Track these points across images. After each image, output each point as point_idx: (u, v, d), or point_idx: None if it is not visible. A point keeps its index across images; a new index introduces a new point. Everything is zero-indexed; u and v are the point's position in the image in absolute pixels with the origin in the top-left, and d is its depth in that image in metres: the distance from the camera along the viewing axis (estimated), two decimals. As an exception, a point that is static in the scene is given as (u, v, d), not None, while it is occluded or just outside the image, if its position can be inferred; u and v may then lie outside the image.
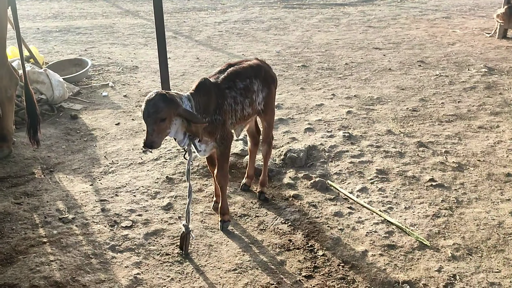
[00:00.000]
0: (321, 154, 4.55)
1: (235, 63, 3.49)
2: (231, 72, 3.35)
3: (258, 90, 3.49)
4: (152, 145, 2.76)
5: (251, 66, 3.51)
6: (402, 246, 3.32)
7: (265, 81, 3.56)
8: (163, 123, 2.74)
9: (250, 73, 3.45)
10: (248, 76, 3.42)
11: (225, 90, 3.24)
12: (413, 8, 13.20)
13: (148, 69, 7.42)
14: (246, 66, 3.48)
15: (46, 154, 4.51)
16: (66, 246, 3.12)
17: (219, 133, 3.17)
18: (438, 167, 4.34)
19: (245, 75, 3.40)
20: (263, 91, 3.54)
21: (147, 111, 2.69)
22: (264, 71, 3.57)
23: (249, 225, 3.53)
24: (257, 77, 3.49)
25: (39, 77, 5.61)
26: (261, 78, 3.52)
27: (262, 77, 3.53)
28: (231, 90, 3.28)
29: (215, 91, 3.17)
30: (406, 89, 6.40)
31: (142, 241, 3.25)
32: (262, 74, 3.54)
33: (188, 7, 13.21)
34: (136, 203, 3.70)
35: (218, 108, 3.15)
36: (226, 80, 3.29)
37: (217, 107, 3.15)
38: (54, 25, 10.61)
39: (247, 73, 3.43)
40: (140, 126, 5.22)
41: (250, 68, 3.49)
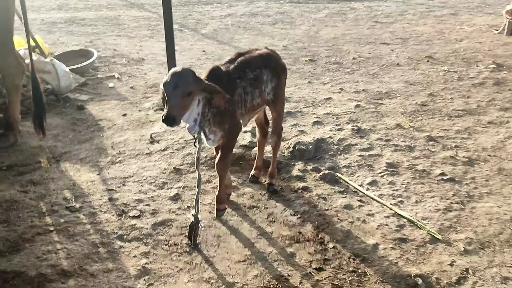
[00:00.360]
0: (330, 147, 4.50)
1: (245, 52, 3.43)
2: (241, 62, 3.29)
3: (267, 80, 3.44)
4: (175, 120, 2.65)
5: (261, 56, 3.45)
6: (413, 239, 3.27)
7: (275, 71, 3.51)
8: (187, 98, 2.69)
9: (260, 62, 3.39)
10: (258, 65, 3.36)
11: (235, 79, 3.19)
12: (420, 4, 13.08)
13: (154, 61, 7.36)
14: (256, 55, 3.43)
15: (53, 144, 4.47)
16: (74, 235, 3.08)
17: (228, 123, 3.12)
18: (449, 161, 4.28)
19: (255, 65, 3.35)
20: (272, 81, 3.49)
21: (174, 82, 2.62)
22: (274, 60, 3.52)
23: (258, 217, 3.48)
24: (267, 67, 3.43)
25: (45, 66, 5.56)
26: (271, 67, 3.47)
27: (272, 66, 3.48)
28: (241, 80, 3.23)
29: (226, 80, 3.12)
30: (415, 84, 6.33)
31: (150, 231, 3.21)
32: (272, 64, 3.48)
33: (194, 1, 13.13)
34: (143, 193, 3.65)
35: (228, 98, 3.10)
36: (236, 69, 3.24)
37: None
38: (59, 16, 10.56)
39: (257, 62, 3.38)
40: (147, 117, 5.17)
41: (260, 57, 3.43)
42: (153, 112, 5.33)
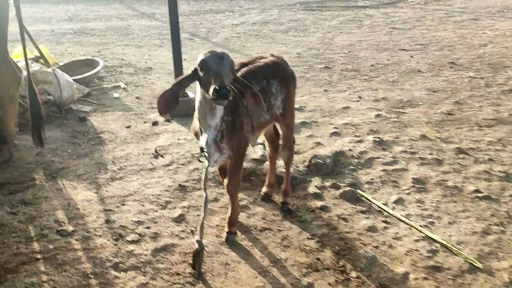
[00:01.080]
0: (350, 161, 4.11)
1: (248, 62, 3.06)
2: (246, 73, 2.92)
3: (276, 92, 3.08)
4: (229, 92, 2.26)
5: (267, 65, 3.09)
6: (449, 268, 2.85)
7: (284, 80, 3.14)
8: (231, 75, 2.43)
9: (266, 72, 3.03)
10: (264, 76, 3.00)
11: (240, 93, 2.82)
12: (438, 10, 12.67)
13: (162, 71, 7.08)
14: (262, 65, 3.06)
15: (50, 158, 4.16)
16: (62, 264, 2.73)
17: (237, 140, 2.77)
18: (483, 176, 3.86)
19: (261, 76, 2.98)
20: (281, 92, 3.12)
21: (221, 54, 2.43)
22: (282, 69, 3.15)
23: (271, 241, 3.10)
24: (275, 76, 3.07)
25: (47, 77, 5.30)
26: (279, 77, 3.10)
27: (280, 76, 3.11)
28: None
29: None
30: (439, 92, 5.91)
31: (149, 258, 2.85)
32: (280, 73, 3.12)
33: (205, 9, 12.91)
34: (144, 214, 3.30)
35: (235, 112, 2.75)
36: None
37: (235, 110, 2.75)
38: (69, 27, 10.40)
39: (263, 73, 3.01)
40: (151, 129, 4.85)
41: (266, 67, 3.06)
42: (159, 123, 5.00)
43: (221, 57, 2.40)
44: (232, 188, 2.95)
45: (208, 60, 2.38)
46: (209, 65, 2.36)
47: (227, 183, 2.94)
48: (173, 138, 4.59)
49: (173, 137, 4.60)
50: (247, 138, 2.89)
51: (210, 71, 2.36)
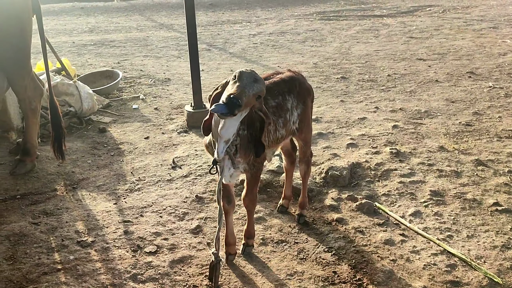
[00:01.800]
0: (367, 173, 4.10)
1: (266, 77, 3.09)
2: None
3: (292, 107, 3.09)
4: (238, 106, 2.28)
5: (283, 80, 3.11)
6: (468, 283, 2.82)
7: (300, 95, 3.15)
8: (253, 100, 2.43)
9: (282, 88, 3.05)
10: (280, 92, 3.02)
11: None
12: (456, 18, 12.56)
13: (180, 81, 7.17)
14: (278, 80, 3.08)
15: (71, 169, 4.25)
16: (82, 275, 2.78)
17: (253, 154, 2.75)
18: (503, 189, 3.81)
19: (277, 91, 3.00)
20: (298, 107, 3.13)
21: (258, 79, 2.43)
22: (299, 84, 3.16)
23: (288, 253, 3.11)
24: (290, 92, 3.08)
25: (68, 89, 5.42)
26: (295, 92, 3.11)
27: (296, 91, 3.12)
28: None
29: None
30: (457, 102, 5.86)
31: (167, 269, 2.88)
32: (296, 88, 3.13)
33: (223, 20, 13.05)
34: (162, 225, 3.35)
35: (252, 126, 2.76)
36: None
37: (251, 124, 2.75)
38: (89, 39, 10.62)
39: (279, 88, 3.03)
40: (170, 140, 4.92)
41: (282, 82, 3.08)
42: (177, 134, 5.07)
43: (255, 80, 2.41)
44: (249, 202, 2.95)
45: (244, 73, 2.40)
46: (242, 78, 2.38)
47: (244, 197, 2.94)
48: (191, 149, 4.64)
49: (191, 148, 4.66)
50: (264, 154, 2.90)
51: (238, 82, 2.37)
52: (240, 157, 2.70)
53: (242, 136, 2.67)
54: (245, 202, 2.96)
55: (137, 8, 15.20)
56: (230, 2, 16.02)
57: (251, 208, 3.00)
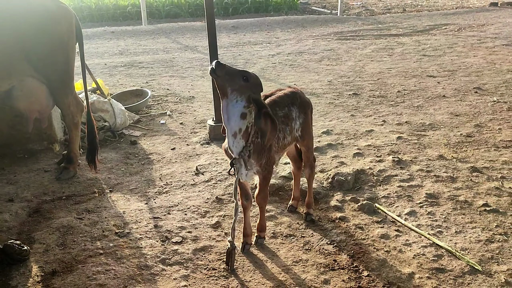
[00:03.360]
0: (369, 178, 4.54)
1: (270, 94, 3.62)
2: (270, 102, 3.47)
3: (296, 117, 3.60)
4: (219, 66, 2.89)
5: (286, 95, 3.63)
6: (451, 270, 3.23)
7: (301, 107, 3.66)
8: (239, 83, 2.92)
9: (287, 101, 3.57)
10: (285, 104, 3.54)
11: None
12: (470, 36, 12.91)
13: (204, 99, 7.77)
14: (282, 95, 3.61)
15: (107, 176, 4.84)
16: (121, 258, 3.32)
17: (265, 158, 3.27)
18: (493, 192, 4.20)
19: (283, 104, 3.53)
20: (300, 117, 3.64)
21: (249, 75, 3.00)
22: (299, 97, 3.68)
23: (295, 245, 3.58)
24: (293, 104, 3.60)
25: (104, 106, 6.07)
26: (297, 104, 3.63)
27: (298, 103, 3.64)
28: None
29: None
30: (461, 115, 6.25)
31: (190, 256, 3.40)
32: (298, 101, 3.65)
33: (244, 41, 13.72)
34: (186, 221, 3.87)
35: None
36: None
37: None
38: (120, 61, 11.40)
39: (284, 101, 3.56)
40: (194, 151, 5.47)
41: (285, 96, 3.61)
42: (200, 146, 5.63)
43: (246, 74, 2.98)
44: (261, 200, 3.44)
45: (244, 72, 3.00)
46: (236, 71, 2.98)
47: (257, 196, 3.43)
48: (212, 158, 5.18)
49: (212, 157, 5.20)
50: (274, 158, 3.40)
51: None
52: (253, 160, 3.22)
53: (256, 143, 3.17)
54: (258, 199, 3.45)
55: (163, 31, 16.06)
56: (252, 24, 16.74)
57: (263, 205, 3.49)
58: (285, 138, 3.45)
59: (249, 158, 3.18)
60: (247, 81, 2.96)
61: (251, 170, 3.28)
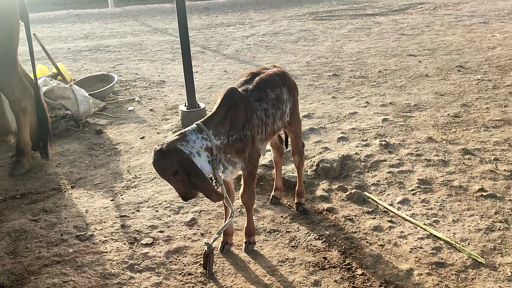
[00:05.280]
0: (357, 164, 4.21)
1: (258, 72, 3.20)
2: (260, 82, 3.05)
3: (286, 100, 3.20)
4: (187, 196, 2.57)
5: (277, 74, 3.22)
6: (452, 264, 2.93)
7: (290, 89, 3.27)
8: (178, 176, 2.47)
9: (278, 81, 3.16)
10: (277, 84, 3.13)
11: (254, 102, 2.95)
12: (447, 15, 12.72)
13: (175, 83, 7.29)
14: (272, 73, 3.19)
15: (69, 170, 4.36)
16: (81, 266, 2.89)
17: (248, 151, 2.85)
18: (488, 175, 3.92)
19: (274, 84, 3.11)
20: (289, 100, 3.25)
21: (158, 173, 2.53)
22: (288, 78, 3.29)
23: (279, 242, 3.22)
24: (284, 85, 3.20)
25: (65, 92, 5.54)
26: (287, 86, 3.23)
27: (287, 85, 3.24)
28: (261, 101, 2.97)
29: (244, 104, 2.87)
30: (446, 95, 5.99)
31: (163, 259, 3.00)
32: (287, 82, 3.25)
33: (216, 23, 13.18)
34: (158, 219, 3.46)
35: (247, 123, 2.83)
36: (255, 90, 2.99)
37: (247, 121, 2.82)
38: (85, 45, 10.75)
39: (275, 81, 3.14)
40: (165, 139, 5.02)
41: (276, 76, 3.20)
42: (172, 134, 5.18)
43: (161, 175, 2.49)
44: (247, 199, 2.99)
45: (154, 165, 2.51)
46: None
47: (242, 194, 2.99)
48: (185, 147, 4.75)
49: (185, 146, 4.77)
50: (258, 149, 2.99)
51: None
52: (234, 157, 2.79)
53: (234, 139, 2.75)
54: (244, 199, 3.00)
55: (131, 14, 15.35)
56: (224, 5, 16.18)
57: (249, 204, 3.04)
58: (274, 123, 3.04)
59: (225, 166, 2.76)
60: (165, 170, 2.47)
61: (236, 166, 2.88)
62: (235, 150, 2.78)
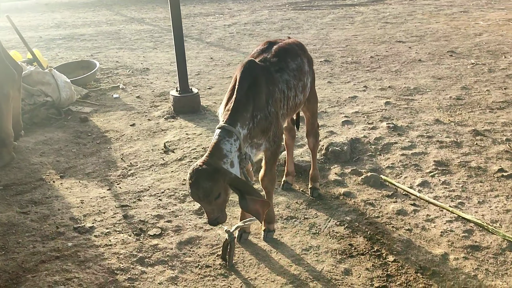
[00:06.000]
0: (367, 147, 4.00)
1: (275, 41, 2.93)
2: (279, 50, 2.78)
3: (307, 72, 2.94)
4: (218, 221, 2.33)
5: (295, 43, 2.97)
6: (488, 247, 2.74)
7: (309, 61, 3.03)
8: (219, 199, 2.25)
9: (297, 50, 2.90)
10: (298, 53, 2.87)
11: (275, 73, 2.67)
12: (426, 5, 12.70)
13: (160, 71, 6.91)
14: (291, 42, 2.94)
15: (55, 159, 3.97)
16: (85, 261, 2.55)
17: (273, 130, 2.57)
18: (504, 156, 3.78)
19: (295, 53, 2.84)
20: (310, 73, 3.00)
21: (197, 196, 2.22)
22: (306, 50, 3.03)
23: (299, 229, 2.96)
24: (304, 56, 2.95)
25: (44, 77, 5.10)
26: (307, 57, 2.99)
27: (307, 56, 3.00)
28: (283, 72, 2.70)
29: (265, 77, 2.59)
30: (444, 79, 5.85)
31: (175, 251, 2.69)
32: (306, 53, 3.01)
33: (195, 13, 12.77)
34: (163, 208, 3.14)
35: (270, 98, 2.55)
36: (275, 60, 2.71)
37: (269, 96, 2.55)
38: (57, 33, 10.17)
39: (295, 50, 2.88)
40: (158, 126, 4.68)
41: (295, 45, 2.94)
42: (164, 120, 4.84)
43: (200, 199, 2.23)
44: (268, 182, 2.72)
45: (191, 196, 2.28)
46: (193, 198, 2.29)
47: (263, 177, 2.72)
48: (181, 133, 4.43)
49: (181, 133, 4.44)
50: (282, 127, 2.72)
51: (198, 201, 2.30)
52: (257, 139, 2.54)
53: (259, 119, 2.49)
54: (264, 182, 2.73)
55: (104, 4, 14.72)
56: (200, -4, 15.75)
57: (270, 188, 2.77)
58: (296, 97, 2.78)
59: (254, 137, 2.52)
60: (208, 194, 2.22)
61: (260, 148, 2.60)
62: (260, 131, 2.52)
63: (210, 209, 2.27)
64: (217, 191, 2.21)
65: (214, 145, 2.33)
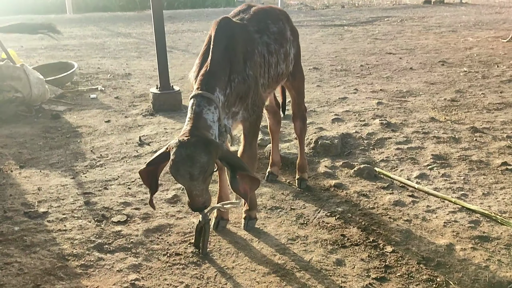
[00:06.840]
0: (359, 142, 3.70)
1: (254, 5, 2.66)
2: (259, 11, 2.52)
3: (290, 40, 2.67)
4: (206, 205, 1.97)
5: (278, 9, 2.74)
6: (498, 237, 2.42)
7: (293, 32, 2.76)
8: (210, 177, 1.95)
9: (279, 15, 2.65)
10: (279, 18, 2.61)
11: (254, 33, 2.40)
12: (415, 25, 12.73)
13: (142, 75, 6.62)
14: (273, 6, 2.70)
15: (17, 150, 3.61)
16: (31, 245, 2.17)
17: (251, 97, 2.26)
18: (507, 151, 3.50)
19: (276, 17, 2.59)
20: (293, 44, 2.73)
21: (189, 174, 1.84)
22: (290, 20, 2.78)
23: (285, 219, 2.62)
24: (287, 22, 2.69)
25: (14, 72, 4.75)
26: (290, 26, 2.72)
27: (290, 25, 2.74)
28: (262, 34, 2.43)
29: (244, 36, 2.31)
30: (437, 84, 5.64)
31: (141, 238, 2.32)
32: (290, 22, 2.75)
33: (183, 29, 12.63)
34: (131, 196, 2.78)
35: (248, 60, 2.26)
36: (254, 21, 2.45)
37: (247, 57, 2.26)
38: (40, 44, 9.88)
39: (277, 14, 2.63)
40: (134, 122, 4.35)
41: (277, 10, 2.71)
42: (142, 117, 4.51)
43: (192, 178, 1.85)
44: (248, 159, 2.35)
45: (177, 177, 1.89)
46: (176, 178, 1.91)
47: (242, 154, 2.36)
48: (159, 128, 4.10)
49: (159, 128, 4.12)
50: (262, 96, 2.41)
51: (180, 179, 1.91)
52: (234, 107, 2.23)
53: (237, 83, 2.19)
54: (243, 159, 2.31)
55: (91, 20, 14.54)
56: (189, 15, 15.69)
57: (251, 168, 2.37)
58: (278, 65, 2.48)
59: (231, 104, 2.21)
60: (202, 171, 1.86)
61: (236, 118, 2.28)
62: (237, 96, 2.20)
63: (200, 190, 1.89)
64: (213, 167, 1.89)
65: (196, 115, 2.00)
